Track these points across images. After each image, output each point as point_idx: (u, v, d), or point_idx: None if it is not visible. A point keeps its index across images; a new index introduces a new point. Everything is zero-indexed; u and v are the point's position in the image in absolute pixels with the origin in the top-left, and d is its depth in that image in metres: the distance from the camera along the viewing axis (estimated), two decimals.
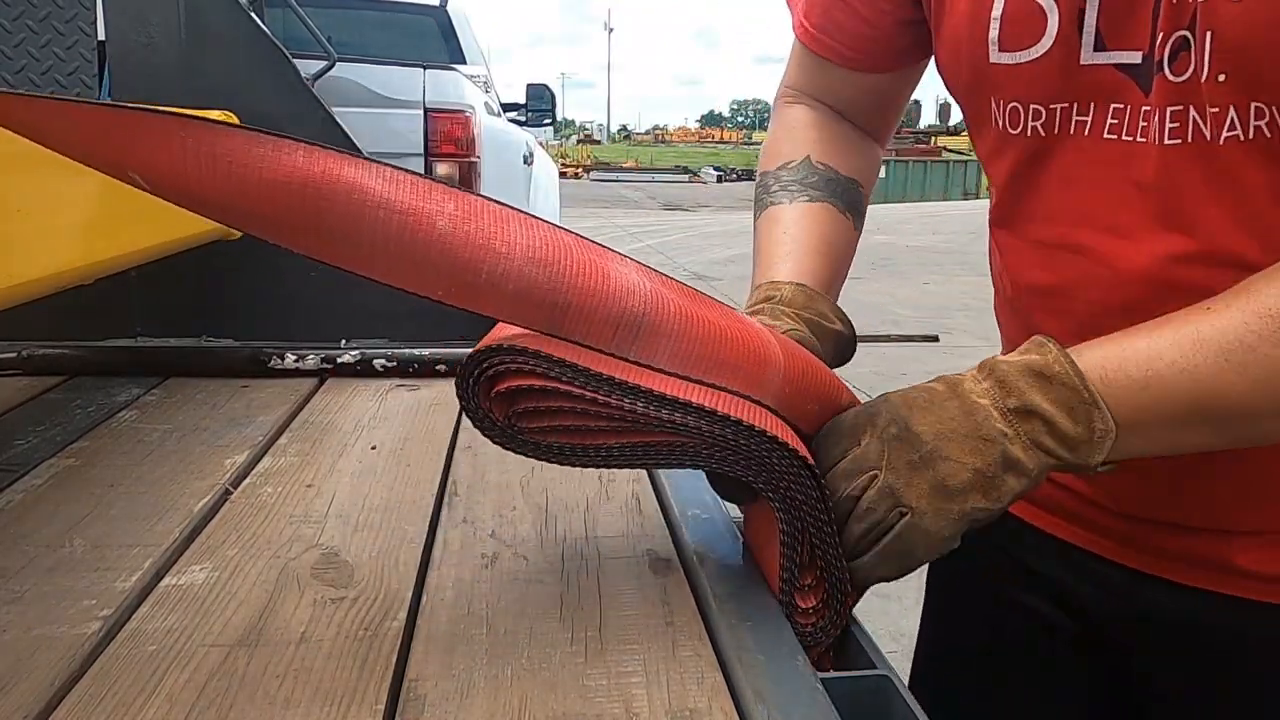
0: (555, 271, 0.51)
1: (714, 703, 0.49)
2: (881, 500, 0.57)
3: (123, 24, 1.28)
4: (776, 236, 0.79)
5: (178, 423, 0.93)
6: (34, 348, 1.09)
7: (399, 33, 4.06)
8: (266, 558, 0.65)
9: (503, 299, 0.51)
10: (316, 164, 0.48)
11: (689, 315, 0.55)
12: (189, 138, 0.47)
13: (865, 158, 0.86)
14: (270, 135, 0.48)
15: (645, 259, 3.86)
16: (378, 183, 0.49)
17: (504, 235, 0.51)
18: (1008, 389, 0.57)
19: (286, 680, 0.50)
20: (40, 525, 0.69)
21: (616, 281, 0.53)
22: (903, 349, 5.93)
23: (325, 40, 2.21)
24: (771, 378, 0.58)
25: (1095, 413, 0.55)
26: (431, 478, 0.80)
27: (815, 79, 0.85)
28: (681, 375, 0.55)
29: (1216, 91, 0.55)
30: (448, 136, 2.87)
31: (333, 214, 0.48)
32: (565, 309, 0.52)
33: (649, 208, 21.22)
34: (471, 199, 0.52)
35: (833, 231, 0.79)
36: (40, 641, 0.53)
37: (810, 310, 0.72)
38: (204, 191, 0.48)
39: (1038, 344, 0.58)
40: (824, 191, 0.80)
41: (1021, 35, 0.63)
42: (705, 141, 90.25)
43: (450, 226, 0.49)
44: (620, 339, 0.53)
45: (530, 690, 0.50)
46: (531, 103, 5.04)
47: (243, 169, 0.47)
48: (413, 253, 0.49)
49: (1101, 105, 0.62)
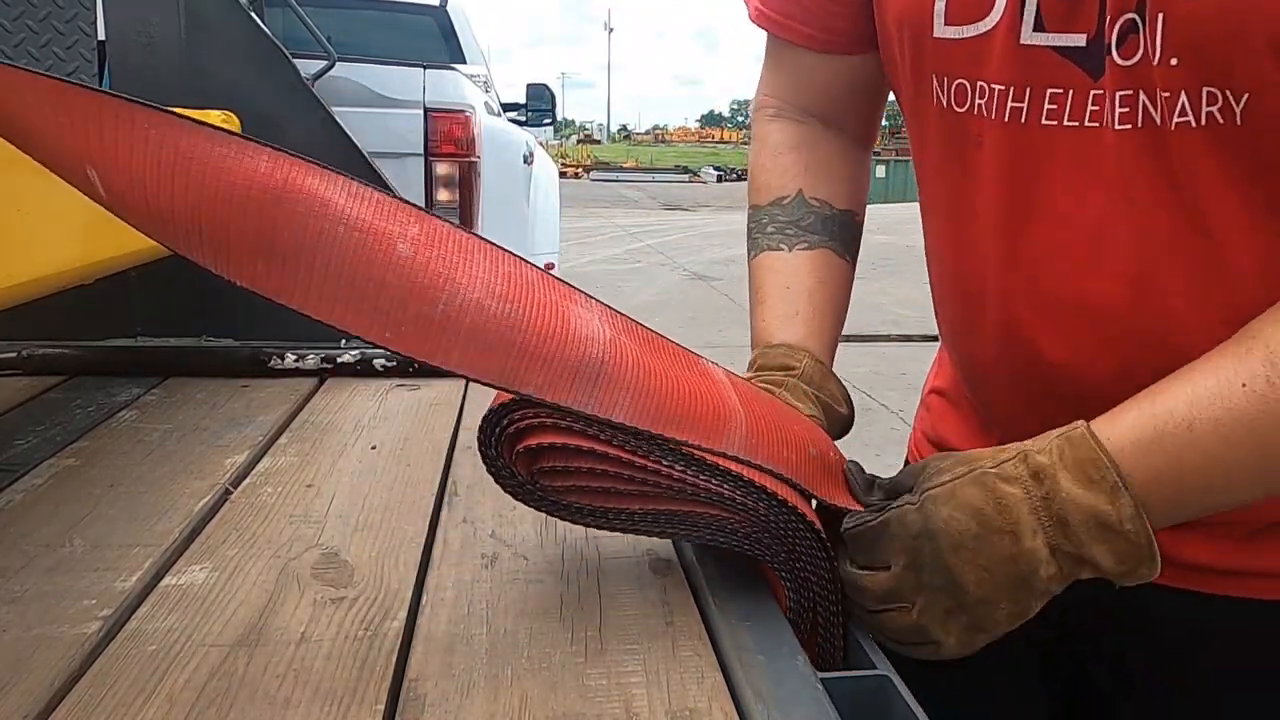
0: (515, 309, 0.49)
1: (714, 703, 0.49)
2: (909, 633, 0.56)
3: (123, 24, 1.28)
4: (778, 290, 0.77)
5: (178, 423, 0.93)
6: (34, 348, 1.09)
7: (399, 33, 4.06)
8: (266, 558, 0.65)
9: (456, 336, 0.48)
10: (280, 170, 0.46)
11: (648, 368, 0.54)
12: (152, 129, 0.45)
13: (856, 175, 0.84)
14: (234, 136, 0.46)
15: (645, 259, 3.84)
16: (341, 196, 0.46)
17: (466, 266, 0.48)
18: (1067, 534, 0.53)
19: (286, 680, 0.50)
20: (40, 525, 0.69)
21: (577, 327, 0.51)
22: (903, 349, 5.93)
23: (325, 40, 2.21)
24: (732, 432, 0.56)
25: (1147, 563, 0.53)
26: (431, 478, 0.80)
27: (790, 75, 0.82)
28: (640, 428, 0.53)
29: (1168, 75, 0.54)
30: (448, 136, 2.87)
31: (290, 227, 0.45)
32: (523, 352, 0.49)
33: (649, 207, 21.22)
34: (437, 224, 0.50)
35: (834, 282, 0.78)
36: (40, 641, 0.53)
37: (825, 392, 0.72)
38: (158, 192, 0.45)
39: (1111, 487, 0.53)
40: (822, 234, 0.79)
41: (968, 8, 0.61)
42: (705, 141, 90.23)
43: (411, 251, 0.47)
44: (578, 389, 0.51)
45: (530, 690, 0.50)
46: (531, 103, 5.04)
47: (202, 168, 0.45)
48: (368, 276, 0.46)
49: (1038, 89, 0.59)
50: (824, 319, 0.76)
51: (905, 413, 4.51)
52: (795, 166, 0.81)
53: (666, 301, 7.70)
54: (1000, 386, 0.73)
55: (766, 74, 0.85)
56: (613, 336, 0.53)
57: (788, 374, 0.72)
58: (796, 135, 0.82)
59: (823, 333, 0.75)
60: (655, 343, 0.59)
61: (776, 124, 0.83)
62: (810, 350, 0.74)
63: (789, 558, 0.57)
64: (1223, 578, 0.67)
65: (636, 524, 0.56)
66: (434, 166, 2.88)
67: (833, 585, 0.58)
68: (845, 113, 0.83)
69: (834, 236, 0.79)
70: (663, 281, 8.84)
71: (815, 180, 0.80)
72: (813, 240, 0.78)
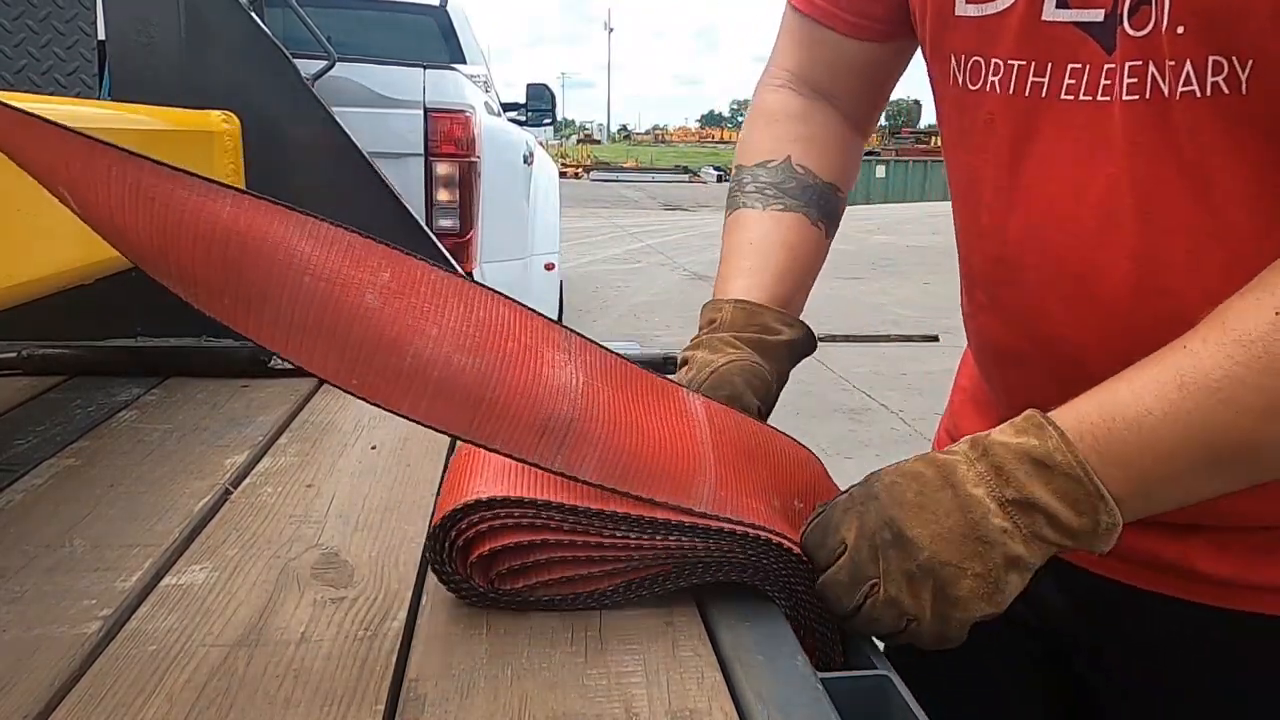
0: (484, 364, 0.48)
1: (714, 703, 0.49)
2: (886, 611, 0.56)
3: (123, 24, 1.28)
4: (740, 246, 0.78)
5: (178, 423, 0.93)
6: (34, 348, 1.09)
7: (399, 33, 4.06)
8: (266, 558, 0.65)
9: (424, 390, 0.47)
10: (244, 215, 0.44)
11: (619, 421, 0.53)
12: (114, 166, 0.44)
13: (847, 155, 0.85)
14: (198, 179, 0.44)
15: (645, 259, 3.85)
16: (307, 243, 0.45)
17: (437, 314, 0.47)
18: (1005, 477, 0.54)
19: (286, 680, 0.50)
20: (40, 525, 0.69)
21: (548, 380, 0.50)
22: (902, 349, 5.92)
23: (325, 40, 2.21)
24: (700, 486, 0.56)
25: (1101, 505, 0.53)
26: (431, 478, 0.80)
27: (809, 54, 0.83)
28: (607, 488, 0.53)
29: (1175, 44, 0.54)
30: (448, 136, 2.87)
31: (255, 272, 0.44)
32: (490, 409, 0.48)
33: (649, 207, 21.22)
34: (412, 266, 0.48)
35: (799, 245, 0.78)
36: (40, 641, 0.53)
37: (753, 327, 0.72)
38: (125, 226, 0.45)
39: (1036, 425, 0.54)
40: (799, 199, 0.79)
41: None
42: (705, 141, 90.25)
43: (379, 302, 0.46)
44: (544, 446, 0.50)
45: (530, 690, 0.50)
46: (531, 103, 5.04)
47: (164, 209, 0.44)
48: (334, 327, 0.45)
49: (1059, 65, 0.60)
50: (775, 273, 0.76)
51: (905, 413, 4.51)
52: (789, 134, 0.82)
53: (667, 301, 7.70)
54: (1017, 366, 0.72)
55: (783, 46, 0.85)
56: (585, 385, 0.53)
57: (711, 328, 0.73)
58: (797, 106, 0.83)
59: (770, 287, 0.75)
60: (632, 383, 0.58)
61: (781, 93, 0.84)
62: (746, 300, 0.74)
63: (768, 575, 0.58)
64: (1241, 592, 0.66)
65: (608, 600, 0.57)
66: (434, 166, 2.88)
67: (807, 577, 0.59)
68: (852, 97, 0.84)
69: (811, 204, 0.80)
70: (663, 281, 8.84)
71: (806, 149, 0.81)
72: (789, 203, 0.79)
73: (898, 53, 0.80)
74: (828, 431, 4.19)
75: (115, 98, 1.28)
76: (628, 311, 7.15)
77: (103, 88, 1.37)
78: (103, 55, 1.33)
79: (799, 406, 4.35)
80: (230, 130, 1.26)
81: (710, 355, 0.70)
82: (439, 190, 2.89)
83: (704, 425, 0.61)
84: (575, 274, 8.73)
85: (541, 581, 0.56)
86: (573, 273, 8.67)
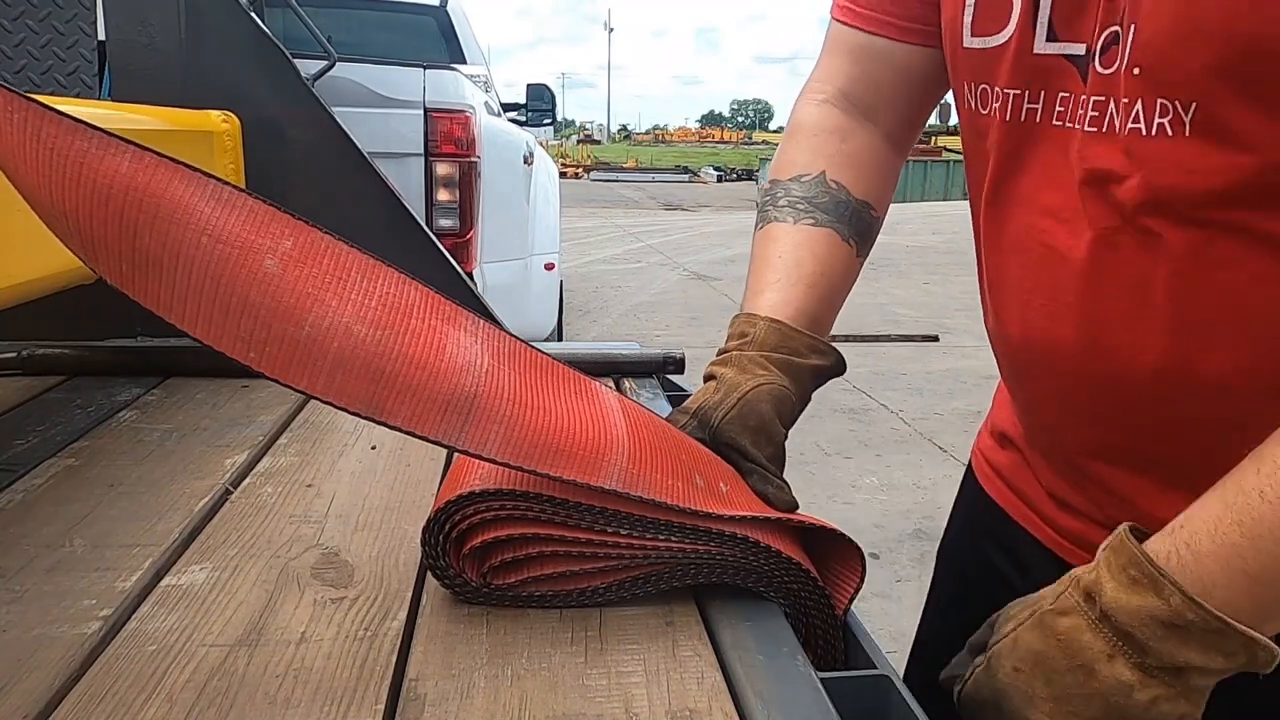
0: (386, 336, 0.47)
1: (714, 703, 0.49)
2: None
3: (123, 24, 1.28)
4: (770, 260, 0.77)
5: (178, 423, 0.93)
6: (34, 348, 1.09)
7: (399, 33, 4.06)
8: (266, 558, 0.65)
9: (322, 361, 0.46)
10: (143, 172, 0.43)
11: (524, 400, 0.52)
12: (15, 113, 0.43)
13: (884, 175, 0.84)
14: (96, 131, 0.43)
15: (646, 259, 3.85)
16: (208, 204, 0.44)
17: (339, 286, 0.46)
18: (1141, 647, 0.50)
19: (286, 680, 0.50)
20: (40, 525, 0.69)
21: (453, 356, 0.49)
22: (902, 349, 5.92)
23: (325, 40, 2.21)
24: (611, 463, 0.54)
25: (1252, 644, 0.49)
26: (431, 478, 0.80)
27: (857, 68, 0.82)
28: (512, 465, 0.52)
29: (1130, 84, 0.56)
30: (448, 136, 2.87)
31: (150, 232, 0.43)
32: (391, 382, 0.47)
33: (649, 207, 21.22)
34: (316, 237, 0.47)
35: (830, 261, 0.78)
36: (40, 641, 0.53)
37: (784, 348, 0.71)
38: (23, 175, 0.44)
39: (1150, 580, 0.50)
40: (831, 215, 0.79)
41: (989, 21, 0.65)
42: (705, 141, 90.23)
43: (279, 268, 0.45)
44: (448, 423, 0.49)
45: (530, 690, 0.50)
46: (531, 103, 5.04)
47: (64, 159, 0.42)
48: (230, 291, 0.44)
49: (1050, 93, 0.62)
50: (805, 289, 0.75)
51: (905, 413, 4.51)
52: (826, 149, 0.82)
53: (667, 301, 7.70)
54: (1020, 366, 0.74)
55: (828, 62, 0.85)
56: (491, 366, 0.52)
57: (741, 343, 0.72)
58: (836, 121, 0.83)
59: (800, 304, 0.75)
60: (541, 370, 0.57)
61: (823, 108, 0.84)
62: (778, 319, 0.73)
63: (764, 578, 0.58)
64: None
65: (599, 597, 0.57)
66: (434, 166, 2.88)
67: (821, 590, 0.59)
68: (894, 112, 0.83)
69: (844, 220, 0.79)
70: (663, 281, 8.84)
71: (842, 166, 0.81)
72: (820, 218, 0.79)
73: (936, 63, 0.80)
74: (828, 431, 4.19)
75: (115, 98, 1.28)
76: (628, 311, 7.15)
77: (103, 88, 1.37)
78: (103, 55, 1.34)
79: None
80: (230, 130, 1.26)
81: (739, 376, 0.69)
82: (439, 190, 2.89)
83: (617, 411, 0.59)
84: (575, 274, 8.73)
85: (534, 577, 0.56)
86: (573, 273, 8.67)
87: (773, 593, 0.58)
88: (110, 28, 1.30)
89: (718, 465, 0.64)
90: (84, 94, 1.34)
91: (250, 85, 1.31)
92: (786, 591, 0.58)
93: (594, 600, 0.57)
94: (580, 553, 0.56)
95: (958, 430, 4.24)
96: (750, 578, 0.58)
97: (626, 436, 0.56)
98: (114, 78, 1.29)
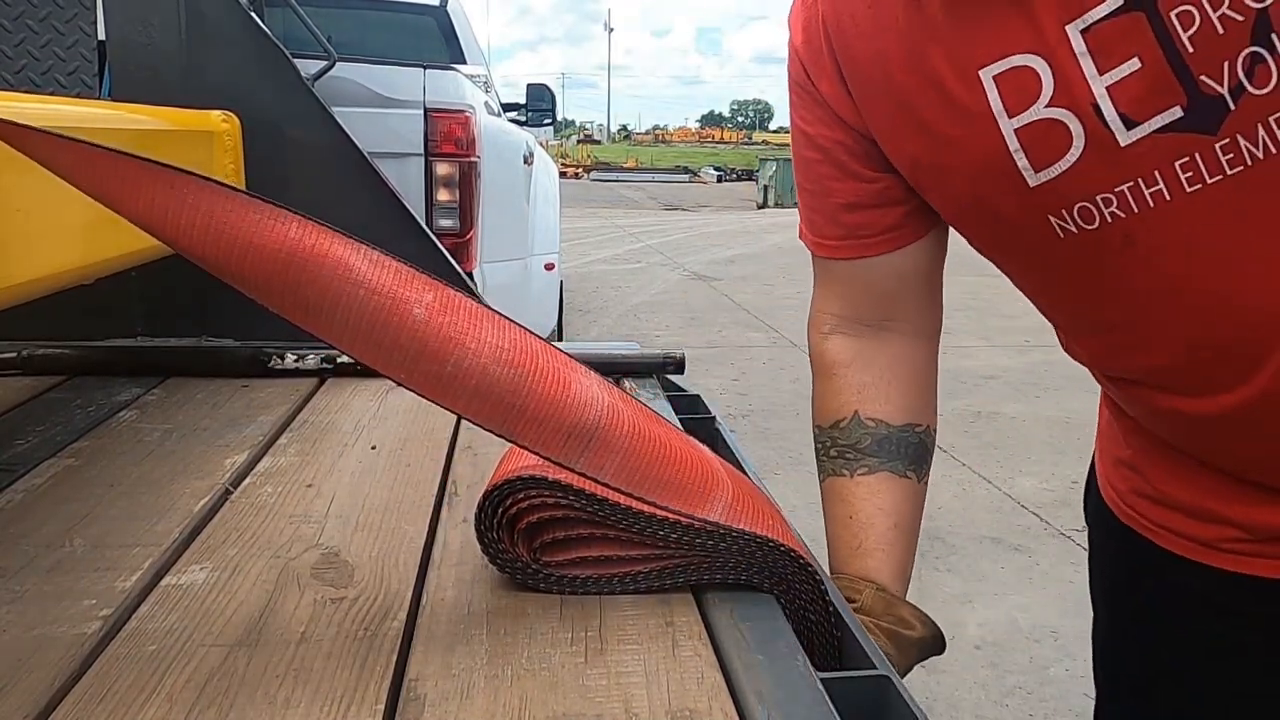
0: (518, 374, 0.53)
1: (714, 703, 0.49)
2: None
3: (123, 24, 1.28)
4: (842, 520, 0.79)
5: (178, 423, 0.93)
6: (34, 348, 1.09)
7: (399, 33, 4.06)
8: (266, 558, 0.65)
9: (462, 392, 0.52)
10: (308, 237, 0.50)
11: (641, 433, 0.57)
12: (188, 195, 0.49)
13: (920, 380, 0.82)
14: (266, 203, 0.50)
15: (646, 259, 3.85)
16: (363, 263, 0.51)
17: (475, 332, 0.53)
18: None
19: (286, 680, 0.50)
20: (40, 525, 0.69)
21: (576, 392, 0.55)
22: None
23: (325, 40, 2.21)
24: (717, 499, 0.59)
25: None
26: (431, 478, 0.80)
27: (849, 290, 0.81)
28: (626, 492, 0.56)
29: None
30: (448, 136, 2.87)
31: (313, 287, 0.50)
32: (521, 412, 0.53)
33: (649, 208, 21.22)
34: (450, 294, 0.54)
35: (895, 508, 0.78)
36: (40, 641, 0.53)
37: (889, 617, 0.73)
38: (191, 245, 0.50)
39: None
40: (880, 456, 0.79)
41: (1049, 151, 0.61)
42: (705, 141, 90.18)
43: (425, 315, 0.51)
44: (570, 448, 0.54)
45: (530, 690, 0.50)
46: (531, 103, 5.04)
47: (234, 231, 0.49)
48: (385, 334, 0.51)
49: (1167, 167, 0.58)
50: (889, 547, 0.77)
51: None
52: (849, 386, 0.81)
53: (667, 301, 7.70)
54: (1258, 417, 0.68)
55: (818, 290, 0.85)
56: (611, 403, 0.57)
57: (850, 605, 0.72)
58: (850, 350, 0.82)
59: (888, 563, 0.77)
60: (650, 414, 0.63)
61: (831, 340, 0.83)
62: (875, 581, 0.75)
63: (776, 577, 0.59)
64: None
65: (641, 583, 0.59)
66: (434, 166, 2.88)
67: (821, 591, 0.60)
68: (906, 308, 0.82)
69: (893, 456, 0.79)
70: (663, 281, 8.84)
71: (871, 398, 0.80)
72: (871, 464, 0.79)
73: (938, 243, 0.79)
74: None
75: (115, 98, 1.28)
76: (628, 311, 7.15)
77: (103, 88, 1.37)
78: (103, 55, 1.34)
79: (800, 409, 4.34)
80: (230, 130, 1.26)
81: None
82: (439, 190, 2.89)
83: (718, 462, 0.65)
84: (575, 274, 8.73)
85: (580, 558, 0.59)
86: (573, 273, 8.67)
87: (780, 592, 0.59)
88: (110, 28, 1.30)
89: None
90: (84, 94, 1.34)
91: (250, 85, 1.31)
92: (792, 592, 0.59)
93: (635, 586, 0.59)
94: (629, 538, 0.58)
95: (958, 430, 4.24)
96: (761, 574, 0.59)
97: (728, 477, 0.62)
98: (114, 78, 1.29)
